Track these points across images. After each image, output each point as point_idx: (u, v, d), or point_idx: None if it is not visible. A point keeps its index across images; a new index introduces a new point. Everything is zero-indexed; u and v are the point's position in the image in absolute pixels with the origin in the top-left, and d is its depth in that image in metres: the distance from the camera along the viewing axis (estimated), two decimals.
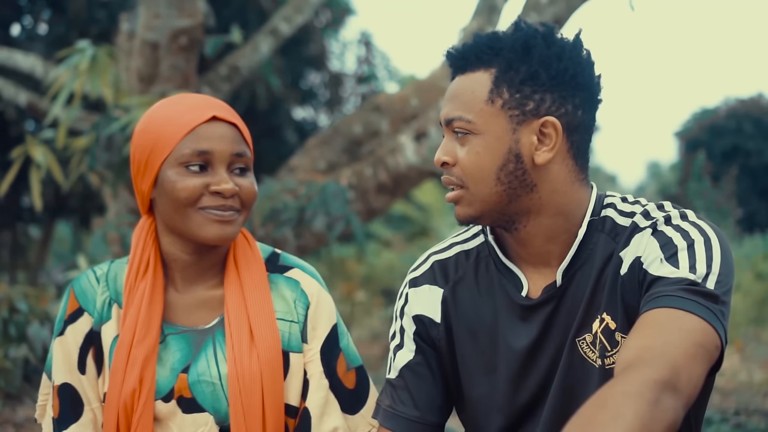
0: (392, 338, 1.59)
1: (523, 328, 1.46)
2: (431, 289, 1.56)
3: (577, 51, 1.42)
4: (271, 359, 1.57)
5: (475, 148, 1.41)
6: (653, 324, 1.24)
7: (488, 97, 1.40)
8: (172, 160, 1.53)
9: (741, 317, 8.20)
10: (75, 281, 1.64)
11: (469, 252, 1.55)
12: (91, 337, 1.60)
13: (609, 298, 1.40)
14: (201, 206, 1.53)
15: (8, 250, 12.03)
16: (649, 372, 1.14)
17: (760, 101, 19.42)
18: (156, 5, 5.00)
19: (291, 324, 1.62)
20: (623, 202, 1.46)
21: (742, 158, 18.21)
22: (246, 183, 1.57)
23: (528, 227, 1.43)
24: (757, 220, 17.64)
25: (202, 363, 1.57)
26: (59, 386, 1.59)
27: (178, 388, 1.56)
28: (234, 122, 1.57)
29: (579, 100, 1.41)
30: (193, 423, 1.55)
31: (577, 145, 1.43)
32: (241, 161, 1.56)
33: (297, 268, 1.67)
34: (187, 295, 1.61)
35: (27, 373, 4.93)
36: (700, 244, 1.34)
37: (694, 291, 1.27)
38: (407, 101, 5.55)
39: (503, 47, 1.41)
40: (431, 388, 1.54)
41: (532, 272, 1.47)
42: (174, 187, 1.53)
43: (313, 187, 4.55)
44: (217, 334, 1.59)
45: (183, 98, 1.61)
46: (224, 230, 1.54)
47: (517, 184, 1.40)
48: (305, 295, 1.64)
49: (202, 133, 1.54)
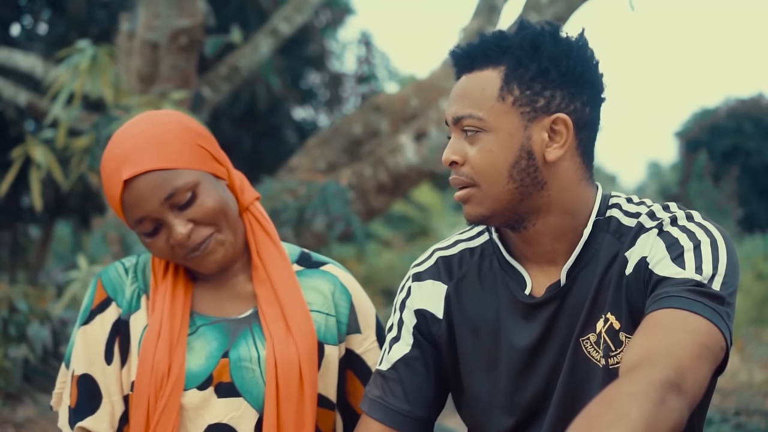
0: (389, 330, 1.59)
1: (526, 327, 1.46)
2: (435, 284, 1.55)
3: (583, 48, 1.42)
4: (308, 348, 1.58)
5: (487, 145, 1.40)
6: (659, 324, 1.24)
7: (499, 94, 1.40)
8: (132, 228, 1.56)
9: (741, 317, 8.20)
10: (103, 272, 1.64)
11: (474, 249, 1.55)
12: (118, 326, 1.59)
13: (613, 298, 1.40)
14: (180, 255, 1.54)
15: (8, 250, 12.04)
16: (654, 372, 1.14)
17: (760, 101, 19.42)
18: (156, 5, 5.00)
19: (327, 317, 1.63)
20: (628, 202, 1.46)
21: (743, 158, 18.20)
22: (198, 210, 1.52)
23: (537, 226, 1.43)
24: (757, 220, 17.64)
25: (243, 348, 1.58)
26: (79, 377, 1.58)
27: (217, 373, 1.56)
28: (147, 169, 1.49)
29: (587, 97, 1.42)
30: (225, 408, 1.55)
31: (585, 143, 1.43)
32: (178, 196, 1.50)
33: (331, 264, 1.70)
34: (216, 290, 1.62)
35: (27, 373, 4.93)
36: (706, 245, 1.34)
37: (700, 292, 1.27)
38: (407, 101, 5.56)
39: (511, 45, 1.41)
40: (423, 384, 1.54)
41: (536, 271, 1.47)
42: (149, 248, 1.55)
43: (313, 187, 4.55)
44: (253, 324, 1.60)
45: (109, 149, 1.56)
46: (210, 261, 1.55)
47: (529, 181, 1.40)
48: (345, 288, 1.66)
49: (128, 203, 1.51)
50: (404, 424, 1.53)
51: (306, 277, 1.66)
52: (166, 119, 1.57)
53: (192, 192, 1.51)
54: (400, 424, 1.52)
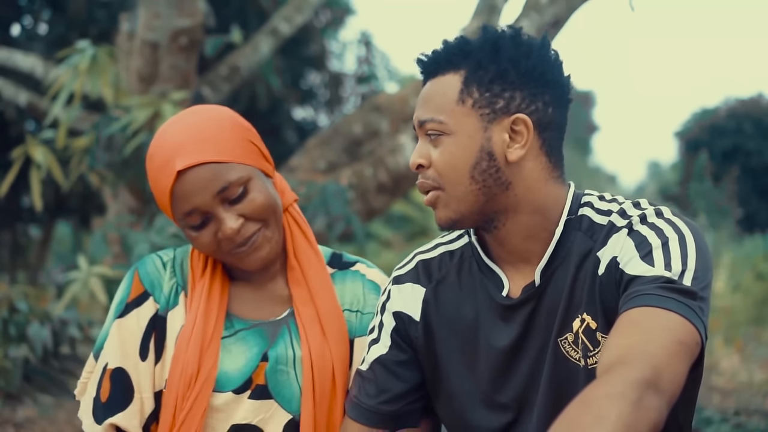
0: (370, 332, 1.61)
1: (504, 328, 1.47)
2: (414, 287, 1.57)
3: (545, 50, 1.44)
4: (341, 350, 1.60)
5: (448, 148, 1.42)
6: (632, 323, 1.25)
7: (459, 97, 1.42)
8: (179, 221, 1.54)
9: (741, 317, 8.20)
10: (140, 265, 1.62)
11: (454, 252, 1.57)
12: (155, 322, 1.58)
13: (588, 298, 1.41)
14: (225, 251, 1.53)
15: (8, 250, 12.04)
16: (630, 372, 1.15)
17: (760, 101, 19.42)
18: (156, 5, 5.00)
19: (357, 314, 1.65)
20: (600, 200, 1.47)
21: (742, 158, 18.21)
22: (249, 204, 1.52)
23: (507, 226, 1.45)
24: (757, 220, 17.64)
25: (281, 347, 1.58)
26: (113, 370, 1.57)
27: (255, 376, 1.56)
28: (202, 161, 1.49)
29: (549, 97, 1.43)
30: (255, 409, 1.56)
31: (550, 143, 1.44)
32: (231, 190, 1.50)
33: (360, 263, 1.72)
34: (253, 292, 1.62)
35: (27, 373, 4.92)
36: (674, 241, 1.34)
37: (671, 288, 1.28)
38: (407, 101, 5.55)
39: (472, 49, 1.43)
40: (396, 383, 1.55)
41: (512, 272, 1.48)
42: (194, 242, 1.54)
43: (313, 187, 4.55)
44: (291, 323, 1.61)
45: (160, 140, 1.53)
46: (256, 258, 1.54)
47: (492, 182, 1.41)
48: (373, 282, 1.69)
49: (179, 195, 1.49)
50: (375, 420, 1.55)
51: (337, 278, 1.68)
52: (220, 114, 1.57)
53: (244, 187, 1.52)
54: (371, 420, 1.55)
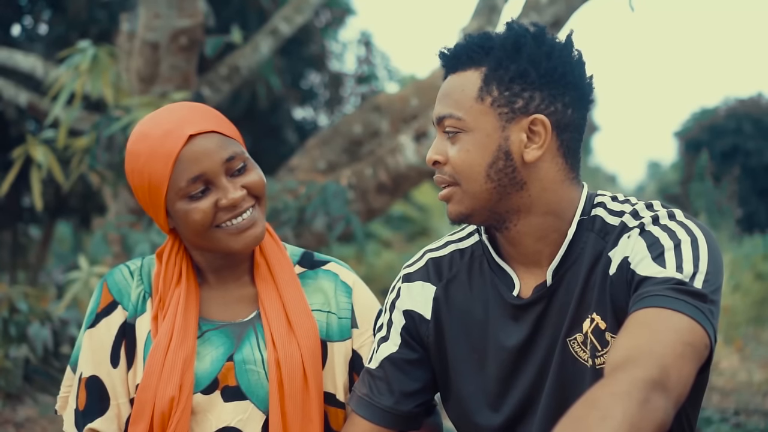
0: (378, 330, 1.61)
1: (514, 328, 1.47)
2: (424, 285, 1.57)
3: (567, 51, 1.43)
4: (311, 345, 1.60)
5: (466, 145, 1.42)
6: (642, 324, 1.25)
7: (478, 94, 1.42)
8: (173, 195, 1.54)
9: (741, 317, 8.20)
10: (108, 276, 1.66)
11: (464, 251, 1.57)
12: (125, 329, 1.61)
13: (599, 298, 1.41)
14: (218, 223, 1.54)
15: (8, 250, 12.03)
16: (638, 372, 1.15)
17: (760, 101, 19.40)
18: (156, 5, 5.00)
19: (328, 314, 1.65)
20: (613, 201, 1.47)
21: (742, 158, 18.19)
22: (250, 178, 1.57)
23: (518, 226, 1.44)
24: (757, 220, 17.63)
25: (247, 350, 1.59)
26: (87, 378, 1.59)
27: (222, 377, 1.57)
28: (212, 129, 1.55)
29: (569, 99, 1.42)
30: (232, 411, 1.57)
31: (567, 144, 1.44)
32: (236, 162, 1.55)
33: (332, 262, 1.72)
34: (221, 293, 1.64)
35: (27, 373, 4.93)
36: (686, 243, 1.34)
37: (682, 290, 1.28)
38: (407, 101, 5.56)
39: (494, 46, 1.43)
40: (409, 382, 1.56)
41: (523, 272, 1.48)
42: (187, 217, 1.54)
43: (313, 187, 4.55)
44: (257, 326, 1.62)
45: (157, 119, 1.57)
46: (250, 235, 1.56)
47: (507, 181, 1.41)
48: (345, 284, 1.68)
49: (188, 158, 1.52)
50: (389, 420, 1.55)
51: (308, 278, 1.68)
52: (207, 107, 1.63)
53: (244, 163, 1.57)
54: (386, 421, 1.55)
